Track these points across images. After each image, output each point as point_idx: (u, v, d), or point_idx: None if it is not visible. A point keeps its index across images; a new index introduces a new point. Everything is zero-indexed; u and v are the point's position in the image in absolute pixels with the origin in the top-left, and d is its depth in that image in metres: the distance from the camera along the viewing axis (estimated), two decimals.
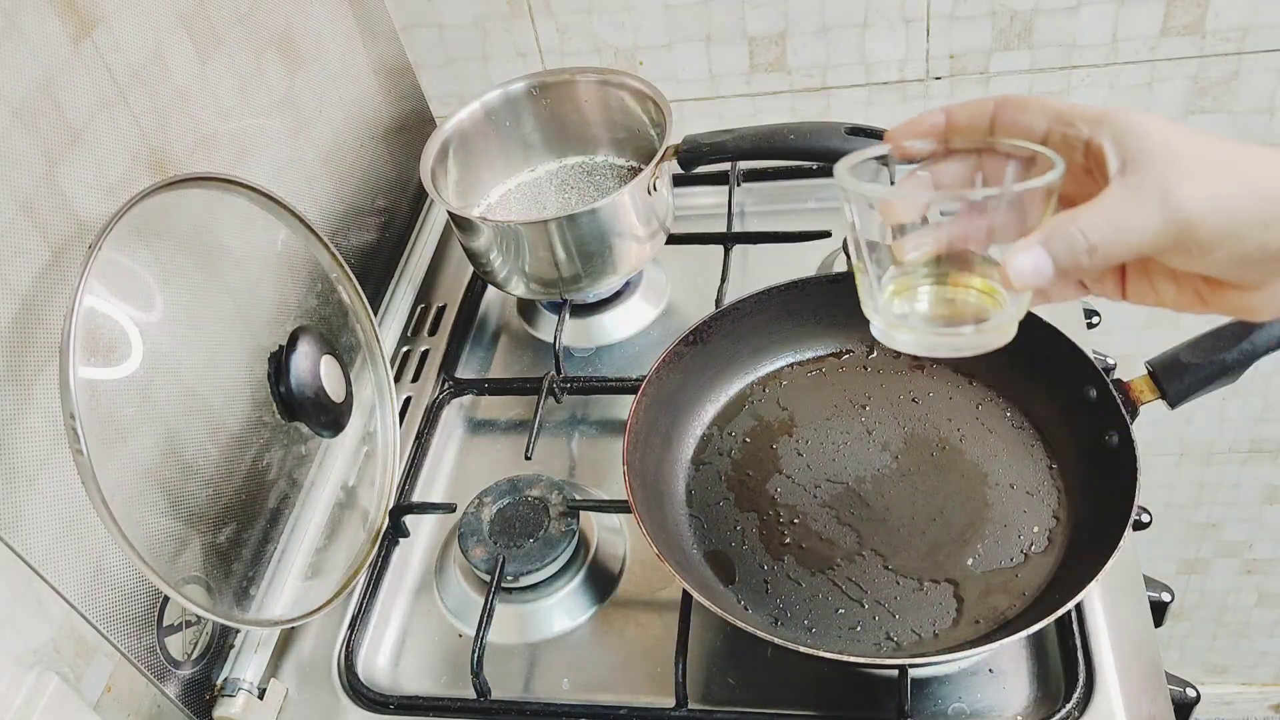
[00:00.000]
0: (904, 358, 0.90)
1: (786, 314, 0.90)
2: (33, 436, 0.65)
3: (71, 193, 0.70)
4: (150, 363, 0.71)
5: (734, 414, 0.89)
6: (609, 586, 0.85)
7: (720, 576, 0.78)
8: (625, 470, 0.76)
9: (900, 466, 0.83)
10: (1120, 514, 0.69)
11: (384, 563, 0.88)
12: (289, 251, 0.87)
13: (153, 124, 0.79)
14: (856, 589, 0.76)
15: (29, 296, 0.66)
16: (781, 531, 0.80)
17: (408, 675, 0.82)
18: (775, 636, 0.67)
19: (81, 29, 0.73)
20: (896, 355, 0.90)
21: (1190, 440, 1.53)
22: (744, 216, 1.16)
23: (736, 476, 0.85)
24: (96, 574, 0.69)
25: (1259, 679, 1.92)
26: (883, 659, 0.71)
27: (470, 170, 1.09)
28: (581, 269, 0.98)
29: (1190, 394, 0.75)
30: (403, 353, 1.07)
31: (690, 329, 0.87)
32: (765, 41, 1.16)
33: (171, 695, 0.75)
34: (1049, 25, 1.11)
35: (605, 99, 1.08)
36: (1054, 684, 0.73)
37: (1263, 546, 1.68)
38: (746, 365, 0.91)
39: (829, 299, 0.90)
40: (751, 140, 0.95)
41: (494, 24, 1.18)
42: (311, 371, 0.80)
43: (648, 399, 0.82)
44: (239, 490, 0.80)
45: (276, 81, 0.96)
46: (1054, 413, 0.83)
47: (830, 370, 0.91)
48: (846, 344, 0.92)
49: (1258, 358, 0.73)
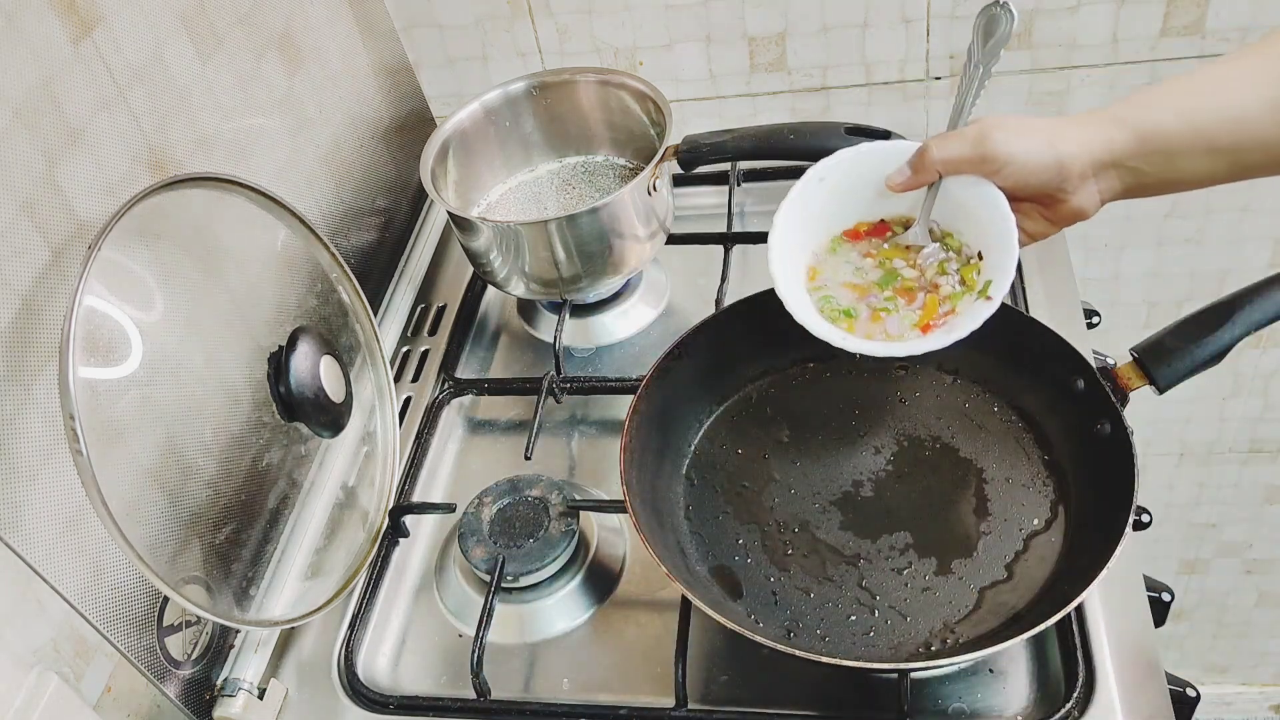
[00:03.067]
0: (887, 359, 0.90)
1: (769, 321, 0.89)
2: (33, 436, 0.65)
3: (71, 193, 0.70)
4: (150, 363, 0.71)
5: (725, 426, 0.89)
6: (609, 586, 0.85)
7: (728, 591, 0.78)
8: (624, 490, 0.76)
9: (895, 468, 0.83)
10: (1121, 501, 0.69)
11: (384, 563, 0.88)
12: (289, 251, 0.87)
13: (153, 124, 0.79)
14: (866, 594, 0.76)
15: (29, 296, 0.66)
16: (784, 542, 0.80)
17: (408, 675, 0.82)
18: (791, 648, 0.67)
19: (81, 29, 0.73)
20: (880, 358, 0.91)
21: (1190, 440, 1.53)
22: (744, 216, 1.16)
23: (733, 489, 0.84)
24: (96, 574, 0.69)
25: (1259, 679, 1.92)
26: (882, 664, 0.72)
27: (470, 170, 1.09)
28: (581, 269, 0.98)
29: (1177, 378, 0.75)
30: (403, 353, 1.07)
31: (674, 344, 0.86)
32: (765, 41, 1.16)
33: (171, 695, 0.75)
34: (1049, 25, 1.11)
35: (605, 99, 1.08)
36: (1054, 684, 0.73)
37: (1263, 546, 1.68)
38: (733, 376, 0.91)
39: None
40: (751, 140, 0.95)
41: (494, 24, 1.18)
42: (311, 372, 0.80)
43: (639, 416, 0.81)
44: (239, 490, 0.80)
45: (276, 81, 0.96)
46: (1043, 405, 0.83)
47: (816, 376, 0.91)
48: (830, 349, 0.92)
49: (1239, 339, 0.73)
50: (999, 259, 0.74)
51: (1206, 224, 1.27)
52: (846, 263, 0.81)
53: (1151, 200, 1.24)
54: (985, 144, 0.72)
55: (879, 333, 0.78)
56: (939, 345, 0.74)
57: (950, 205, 0.77)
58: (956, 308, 0.76)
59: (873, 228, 0.82)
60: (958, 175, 0.75)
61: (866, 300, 0.80)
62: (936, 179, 0.76)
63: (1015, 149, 0.71)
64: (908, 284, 0.79)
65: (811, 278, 0.81)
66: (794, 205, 0.79)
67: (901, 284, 0.79)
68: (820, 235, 0.82)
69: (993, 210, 0.73)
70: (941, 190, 0.77)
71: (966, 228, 0.78)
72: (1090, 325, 1.00)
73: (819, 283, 0.81)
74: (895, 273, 0.80)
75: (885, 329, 0.78)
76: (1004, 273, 0.73)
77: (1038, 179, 0.71)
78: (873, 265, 0.81)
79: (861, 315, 0.79)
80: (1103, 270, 1.32)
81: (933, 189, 0.77)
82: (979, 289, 0.76)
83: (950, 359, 0.88)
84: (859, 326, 0.79)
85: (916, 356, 0.75)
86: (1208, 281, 1.32)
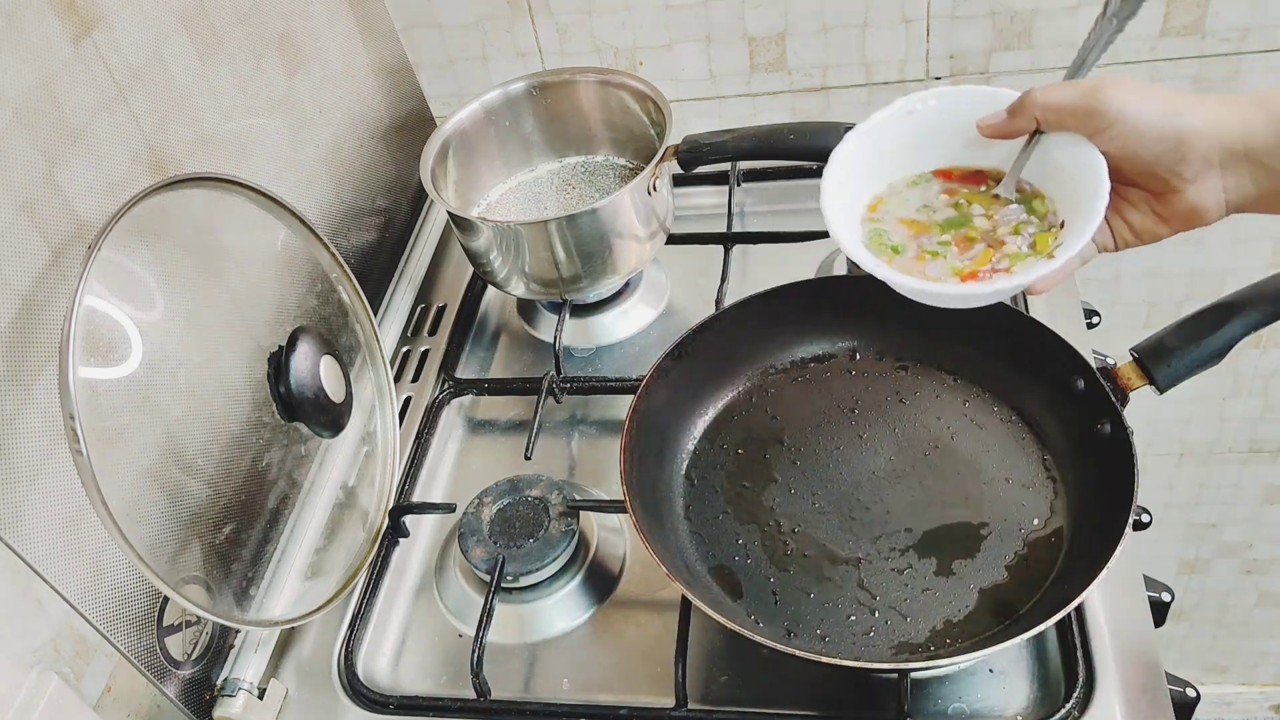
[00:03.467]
0: (886, 359, 0.90)
1: (769, 322, 0.90)
2: (33, 436, 0.65)
3: (71, 193, 0.70)
4: (150, 363, 0.71)
5: (724, 426, 0.89)
6: (609, 586, 0.85)
7: (728, 591, 0.78)
8: (624, 490, 0.76)
9: (895, 468, 0.83)
10: (1121, 502, 0.69)
11: (384, 563, 0.88)
12: (289, 251, 0.87)
13: (153, 124, 0.79)
14: (866, 595, 0.76)
15: (29, 296, 0.66)
16: (784, 542, 0.80)
17: (408, 675, 0.82)
18: (791, 648, 0.67)
19: (81, 29, 0.73)
20: (879, 358, 0.90)
21: (1190, 440, 1.53)
22: (744, 216, 1.16)
23: (733, 489, 0.84)
24: (96, 574, 0.69)
25: (1259, 679, 1.92)
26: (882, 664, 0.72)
27: (470, 170, 1.09)
28: (581, 269, 0.98)
29: (1177, 378, 0.75)
30: (403, 353, 1.07)
31: (674, 344, 0.86)
32: (765, 41, 1.16)
33: (171, 695, 0.75)
34: (1049, 25, 1.11)
35: (605, 99, 1.08)
36: (1054, 684, 0.73)
37: (1263, 546, 1.68)
38: (733, 376, 0.91)
39: (810, 305, 0.90)
40: (751, 140, 0.95)
41: (494, 24, 1.18)
42: (311, 372, 0.80)
43: (639, 416, 0.82)
44: (239, 490, 0.80)
45: (276, 81, 0.96)
46: (1043, 405, 0.83)
47: (816, 376, 0.91)
48: (830, 348, 0.92)
49: (1239, 338, 0.73)
50: (1080, 224, 0.64)
51: None
52: (919, 199, 0.73)
53: None
54: (1095, 96, 0.62)
55: (917, 272, 0.69)
56: (973, 293, 0.66)
57: (1044, 166, 0.69)
58: (1014, 268, 0.67)
59: (968, 174, 0.73)
60: (1059, 130, 0.65)
61: (919, 240, 0.72)
62: (1034, 128, 0.66)
63: (1129, 107, 0.61)
64: (971, 233, 0.71)
65: (872, 208, 0.73)
66: (870, 132, 0.72)
67: (966, 232, 0.71)
68: (894, 171, 0.74)
69: (1087, 172, 0.64)
70: (1039, 148, 0.68)
71: (1057, 191, 0.69)
72: (1090, 325, 1.00)
73: (878, 214, 0.73)
74: (968, 218, 0.71)
75: (924, 270, 0.70)
76: (1078, 235, 0.64)
77: (1150, 150, 0.61)
78: (946, 203, 0.73)
79: (908, 253, 0.71)
80: (1103, 270, 1.32)
81: (1030, 143, 0.68)
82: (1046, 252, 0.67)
83: (950, 359, 0.88)
84: (899, 263, 0.70)
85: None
86: (1208, 281, 1.32)
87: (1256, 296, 0.73)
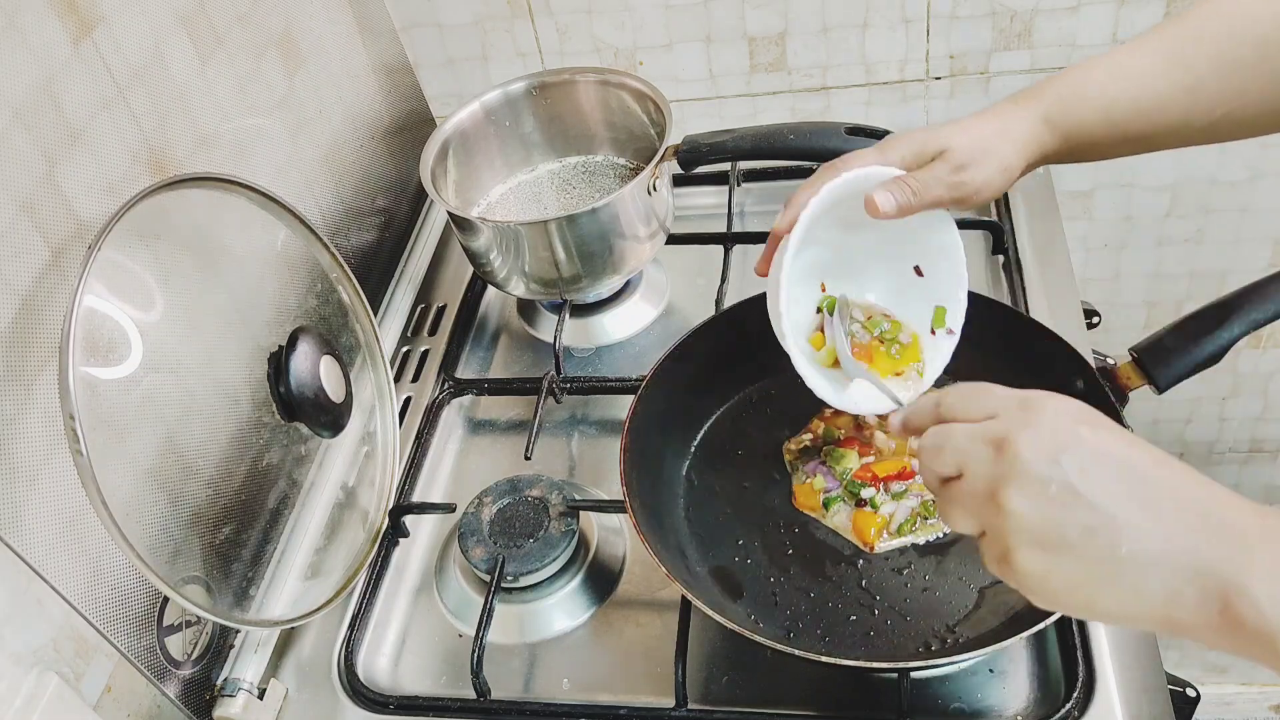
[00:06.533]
0: None
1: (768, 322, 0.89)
2: (33, 436, 0.65)
3: (71, 193, 0.70)
4: (150, 363, 0.71)
5: (724, 426, 0.89)
6: (609, 587, 0.85)
7: (728, 592, 0.78)
8: (624, 490, 0.76)
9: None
10: None
11: (384, 563, 0.88)
12: (289, 251, 0.87)
13: (153, 124, 0.79)
14: (866, 595, 0.76)
15: (29, 296, 0.66)
16: (784, 542, 0.80)
17: (408, 675, 0.82)
18: (791, 648, 0.67)
19: (81, 29, 0.73)
20: None
21: (1190, 440, 1.53)
22: (744, 216, 1.16)
23: (733, 489, 0.84)
24: (96, 574, 0.69)
25: (1259, 679, 1.92)
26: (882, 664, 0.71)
27: (470, 170, 1.09)
28: (581, 269, 0.98)
29: (1177, 378, 0.75)
30: (403, 353, 1.07)
31: (674, 345, 0.86)
32: (765, 41, 1.16)
33: (171, 695, 0.75)
34: (1049, 25, 1.11)
35: (605, 99, 1.08)
36: (1054, 684, 0.73)
37: None
38: (733, 376, 0.91)
39: None
40: (751, 140, 0.95)
41: (494, 24, 1.18)
42: (311, 372, 0.80)
43: (639, 416, 0.81)
44: (239, 490, 0.80)
45: (276, 81, 0.96)
46: None
47: None
48: None
49: (1239, 338, 0.73)
50: (953, 290, 0.77)
51: (1206, 224, 1.27)
52: None
53: (1151, 200, 1.24)
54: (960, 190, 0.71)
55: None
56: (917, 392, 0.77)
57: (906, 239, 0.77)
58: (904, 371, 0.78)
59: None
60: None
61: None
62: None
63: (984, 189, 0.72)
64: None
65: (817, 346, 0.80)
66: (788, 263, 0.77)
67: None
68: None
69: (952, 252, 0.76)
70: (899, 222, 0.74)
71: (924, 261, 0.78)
72: (1090, 325, 1.00)
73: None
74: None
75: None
76: (959, 303, 0.77)
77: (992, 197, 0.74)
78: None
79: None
80: (1103, 270, 1.32)
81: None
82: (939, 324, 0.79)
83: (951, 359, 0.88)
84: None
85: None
86: (1208, 281, 1.32)
87: (1256, 296, 0.74)
